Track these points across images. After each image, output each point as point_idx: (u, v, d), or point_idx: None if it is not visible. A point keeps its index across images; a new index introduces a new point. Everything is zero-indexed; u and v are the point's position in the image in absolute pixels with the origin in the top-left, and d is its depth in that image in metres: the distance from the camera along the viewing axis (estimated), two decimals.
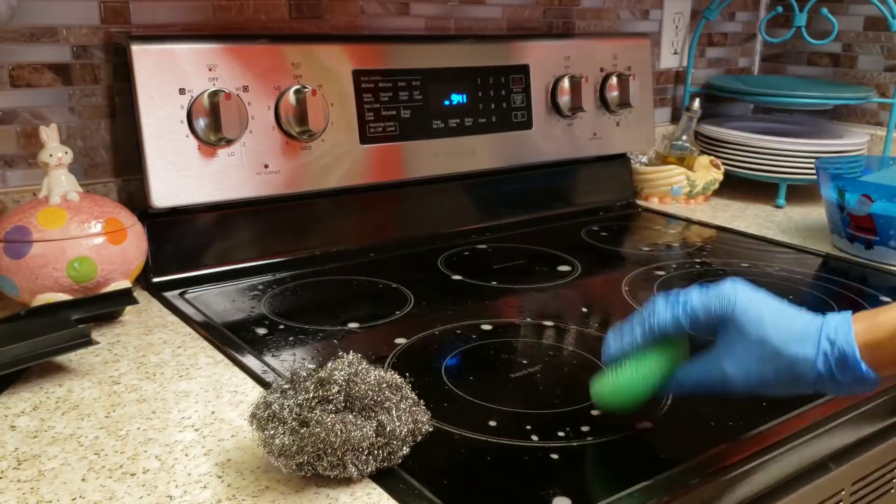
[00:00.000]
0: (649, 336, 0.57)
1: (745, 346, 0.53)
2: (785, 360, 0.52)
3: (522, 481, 0.55)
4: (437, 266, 1.01)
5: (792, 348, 0.52)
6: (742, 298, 0.54)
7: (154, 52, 0.87)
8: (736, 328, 0.54)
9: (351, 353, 0.58)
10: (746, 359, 0.53)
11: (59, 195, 0.80)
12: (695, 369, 0.57)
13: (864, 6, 1.49)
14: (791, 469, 0.62)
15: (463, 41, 1.13)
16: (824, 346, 0.52)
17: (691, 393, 0.58)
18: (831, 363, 0.52)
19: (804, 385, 0.53)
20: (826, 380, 0.52)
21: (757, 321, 0.53)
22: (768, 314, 0.54)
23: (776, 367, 0.53)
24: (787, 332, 0.53)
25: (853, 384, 0.52)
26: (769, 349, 0.53)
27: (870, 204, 1.04)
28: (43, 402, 0.65)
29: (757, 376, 0.54)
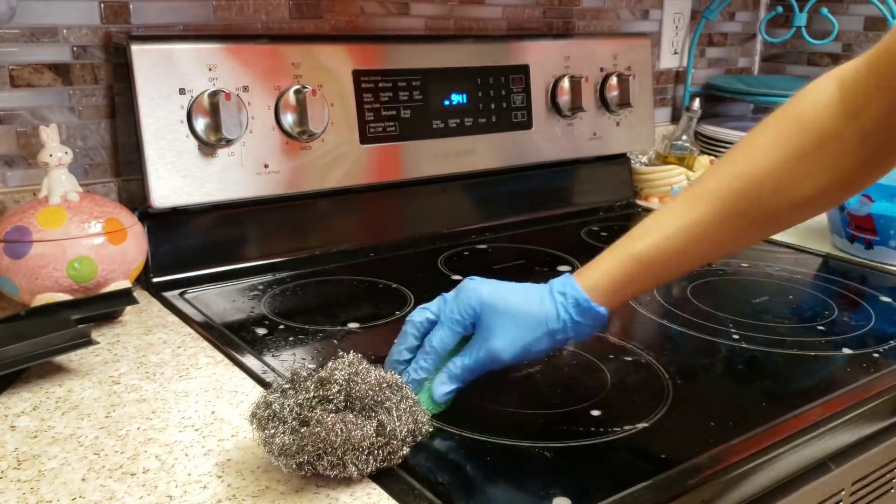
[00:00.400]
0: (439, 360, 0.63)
1: (501, 322, 0.62)
2: (534, 319, 0.62)
3: (523, 481, 0.56)
4: (437, 266, 1.01)
5: (536, 309, 0.62)
6: (484, 287, 0.64)
7: (154, 51, 0.87)
8: (489, 311, 0.62)
9: (351, 352, 0.58)
10: (506, 332, 0.62)
11: (59, 195, 0.80)
12: (464, 358, 0.62)
13: (864, 6, 1.49)
14: (791, 469, 0.62)
15: (463, 41, 1.13)
16: (559, 299, 0.63)
17: (469, 380, 0.63)
18: (569, 310, 0.62)
19: (556, 336, 0.62)
20: (569, 325, 0.62)
21: (504, 299, 0.63)
22: (509, 292, 0.64)
23: (530, 328, 0.62)
24: (528, 299, 0.63)
25: (591, 322, 0.63)
26: (521, 317, 0.62)
27: (870, 204, 1.04)
28: (43, 402, 0.65)
29: (519, 343, 0.62)
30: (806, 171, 0.58)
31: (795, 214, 0.62)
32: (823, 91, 0.59)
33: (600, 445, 0.60)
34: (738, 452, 0.59)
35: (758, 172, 0.59)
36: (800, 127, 0.59)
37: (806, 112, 0.59)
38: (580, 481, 0.56)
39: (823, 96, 0.59)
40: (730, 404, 0.68)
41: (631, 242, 0.63)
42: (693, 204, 0.61)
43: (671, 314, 0.87)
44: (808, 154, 0.58)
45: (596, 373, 0.72)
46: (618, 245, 0.64)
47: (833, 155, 0.58)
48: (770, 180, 0.59)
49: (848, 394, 0.69)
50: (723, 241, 0.63)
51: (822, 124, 0.58)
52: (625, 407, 0.67)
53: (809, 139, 0.58)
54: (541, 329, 0.62)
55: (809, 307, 0.91)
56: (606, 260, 0.64)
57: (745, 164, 0.60)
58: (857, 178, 0.60)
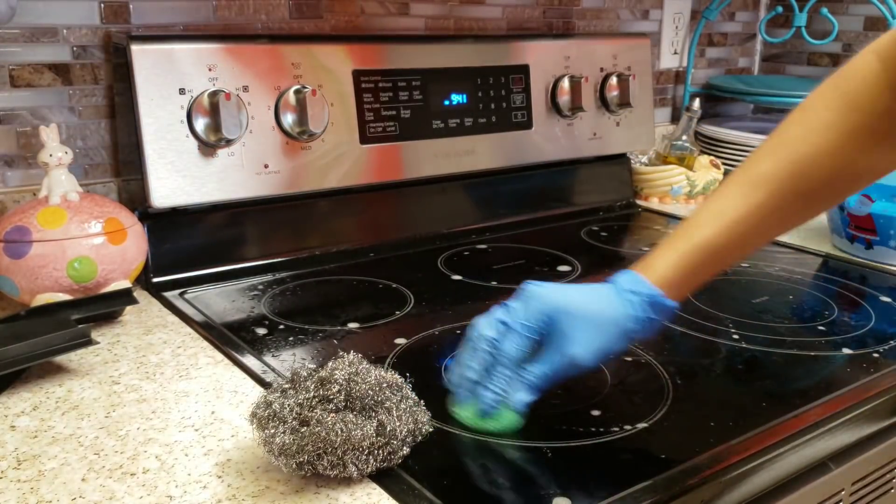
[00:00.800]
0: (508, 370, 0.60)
1: (578, 327, 0.60)
2: (611, 322, 0.61)
3: (522, 481, 0.56)
4: (437, 266, 1.01)
5: (611, 311, 0.61)
6: (552, 293, 0.62)
7: (154, 52, 0.87)
8: (564, 317, 0.60)
9: (351, 352, 0.58)
10: (584, 337, 0.60)
11: (59, 195, 0.80)
12: (543, 366, 0.60)
13: (864, 6, 1.49)
14: (791, 469, 0.62)
15: (463, 41, 1.13)
16: (632, 299, 0.61)
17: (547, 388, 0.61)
18: (645, 307, 0.61)
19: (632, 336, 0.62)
20: (646, 325, 0.62)
21: (576, 304, 0.61)
22: (579, 296, 0.62)
23: (607, 331, 0.61)
24: (599, 302, 0.62)
25: (662, 317, 0.62)
26: (598, 320, 0.61)
27: (870, 204, 1.04)
28: (43, 402, 0.65)
29: (598, 347, 0.60)
30: (862, 147, 0.60)
31: (856, 187, 0.66)
32: (866, 67, 0.61)
33: (600, 445, 0.60)
34: (738, 452, 0.59)
35: (815, 153, 0.60)
36: (851, 105, 0.60)
37: (853, 90, 0.61)
38: (580, 481, 0.56)
39: (868, 73, 0.60)
40: (730, 404, 0.68)
41: (693, 232, 0.63)
42: (751, 189, 0.61)
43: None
44: (862, 131, 0.60)
45: (596, 373, 0.72)
46: (678, 236, 0.63)
47: (890, 128, 0.60)
48: (829, 160, 0.60)
49: (848, 394, 0.69)
50: (784, 222, 0.64)
51: (871, 100, 0.60)
52: (625, 407, 0.67)
53: (861, 117, 0.60)
54: (616, 331, 0.61)
55: (809, 307, 0.91)
56: (670, 252, 0.63)
57: (802, 146, 0.61)
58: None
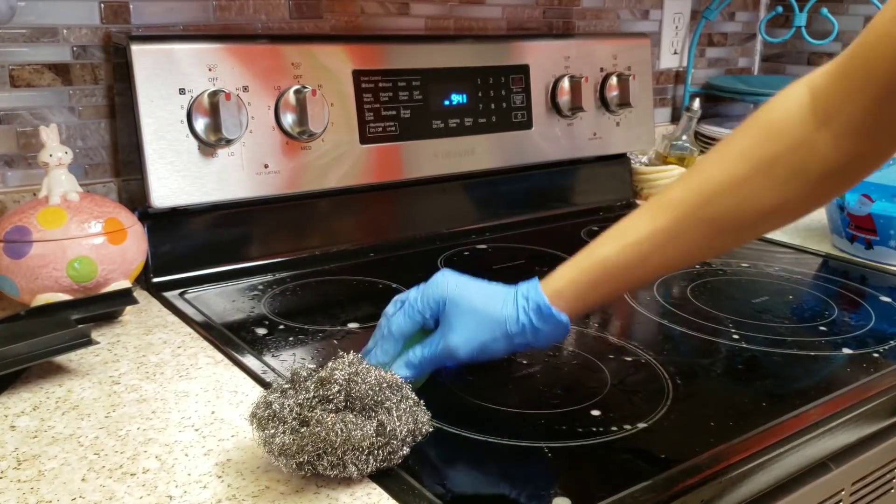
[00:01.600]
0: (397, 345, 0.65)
1: (461, 318, 0.63)
2: (494, 320, 0.63)
3: (523, 481, 0.56)
4: (438, 266, 1.01)
5: (498, 310, 0.63)
6: (451, 280, 0.65)
7: (154, 52, 0.87)
8: (452, 306, 0.64)
9: (351, 352, 0.58)
10: (464, 329, 0.63)
11: (59, 195, 0.80)
12: (423, 349, 0.64)
13: (864, 6, 1.49)
14: (791, 469, 0.62)
15: (463, 41, 1.13)
16: (521, 303, 0.63)
17: (426, 370, 0.65)
18: (529, 314, 0.63)
19: (515, 339, 0.63)
20: (528, 330, 0.63)
21: (468, 297, 0.64)
22: (475, 290, 0.65)
23: (489, 328, 0.63)
24: (490, 299, 0.64)
25: (552, 329, 0.63)
26: (481, 315, 0.63)
27: (870, 204, 1.04)
28: (43, 402, 0.65)
29: (476, 341, 0.63)
30: (775, 179, 0.57)
31: (763, 224, 0.61)
32: (794, 97, 0.58)
33: (600, 445, 0.60)
34: (738, 452, 0.59)
35: (725, 181, 0.58)
36: (770, 134, 0.58)
37: (776, 119, 0.58)
38: (580, 481, 0.56)
39: (794, 103, 0.57)
40: (730, 404, 0.68)
41: (594, 249, 0.64)
42: (658, 212, 0.61)
43: (671, 314, 0.87)
44: (778, 161, 0.57)
45: (596, 373, 0.72)
46: (582, 252, 0.64)
47: (803, 161, 0.56)
48: (736, 190, 0.58)
49: (848, 394, 0.69)
50: (689, 249, 0.62)
51: (793, 131, 0.57)
52: (625, 407, 0.67)
53: (779, 146, 0.57)
54: (499, 330, 0.63)
55: (809, 307, 0.91)
56: (570, 267, 0.64)
57: (714, 172, 0.59)
58: (827, 186, 0.58)
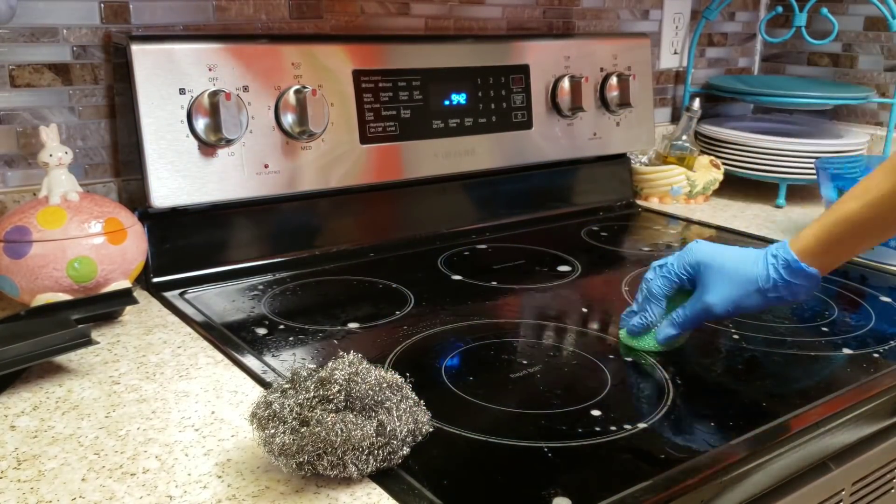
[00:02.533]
0: (660, 304, 0.75)
1: (715, 278, 0.71)
2: (746, 278, 0.70)
3: (522, 481, 0.55)
4: (437, 266, 1.01)
5: (750, 269, 0.70)
6: (705, 247, 0.73)
7: (154, 51, 0.87)
8: (707, 268, 0.72)
9: (351, 352, 0.58)
10: (719, 287, 0.71)
11: (60, 195, 0.80)
12: (684, 309, 0.73)
13: (864, 6, 1.49)
14: (791, 469, 0.62)
15: (463, 41, 1.13)
16: (770, 261, 0.70)
17: (688, 328, 0.74)
18: (780, 270, 0.69)
19: (768, 294, 0.70)
20: (780, 286, 0.69)
21: (720, 258, 0.72)
22: (726, 252, 0.72)
23: (742, 286, 0.70)
24: (742, 260, 0.71)
25: (803, 282, 0.69)
26: (734, 275, 0.70)
27: None
28: (43, 402, 0.65)
29: (730, 298, 0.71)
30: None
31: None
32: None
33: (600, 445, 0.60)
34: (738, 452, 0.59)
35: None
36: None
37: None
38: (580, 481, 0.56)
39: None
40: (730, 404, 0.68)
41: (838, 207, 0.69)
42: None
43: None
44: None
45: (596, 373, 0.72)
46: (827, 211, 0.70)
47: None
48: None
49: (848, 394, 0.69)
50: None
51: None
52: (625, 407, 0.67)
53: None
54: (751, 286, 0.70)
55: (809, 307, 0.91)
56: (816, 226, 0.70)
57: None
58: None
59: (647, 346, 0.75)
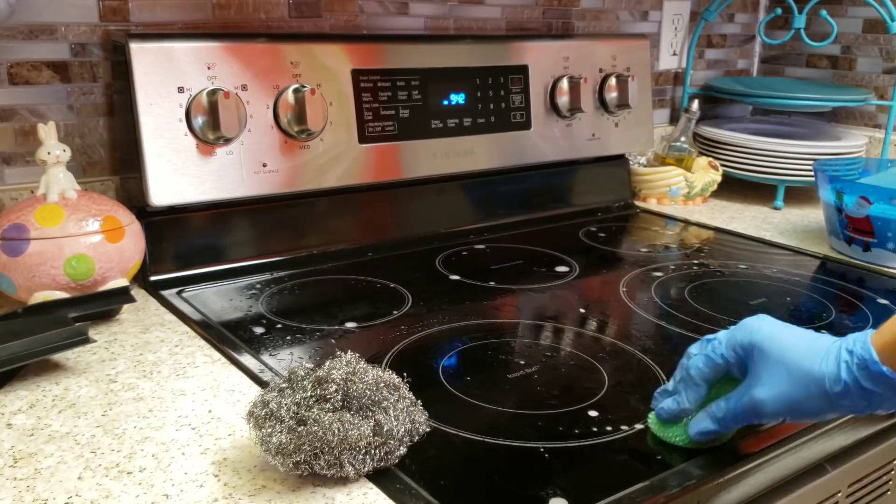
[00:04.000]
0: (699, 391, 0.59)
1: (770, 369, 0.55)
2: (810, 376, 0.53)
3: (520, 481, 0.55)
4: (436, 266, 1.01)
5: (815, 365, 0.53)
6: (764, 326, 0.57)
7: (153, 50, 0.87)
8: (761, 354, 0.56)
9: (349, 352, 0.58)
10: (773, 382, 0.55)
11: (57, 193, 0.80)
12: (728, 402, 0.58)
13: (863, 8, 1.49)
14: (788, 470, 0.63)
15: (462, 41, 1.13)
16: (844, 357, 0.53)
17: (730, 426, 0.58)
18: (854, 371, 0.52)
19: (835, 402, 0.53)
20: (854, 392, 0.52)
21: (779, 344, 0.55)
22: (790, 337, 0.56)
23: (803, 385, 0.54)
24: (808, 351, 0.54)
25: (885, 392, 0.52)
26: (794, 368, 0.54)
27: (868, 206, 1.04)
28: (39, 400, 0.65)
29: (785, 397, 0.54)
30: None
31: None
32: None
33: (598, 446, 0.60)
34: (735, 454, 0.59)
35: None
36: None
37: None
38: (577, 482, 0.56)
39: None
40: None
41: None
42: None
43: (669, 315, 0.87)
44: None
45: (593, 374, 0.72)
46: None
47: None
48: None
49: None
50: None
51: None
52: (622, 408, 0.67)
53: None
54: (816, 388, 0.53)
55: (807, 309, 0.91)
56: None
57: None
58: None
59: (675, 438, 0.60)
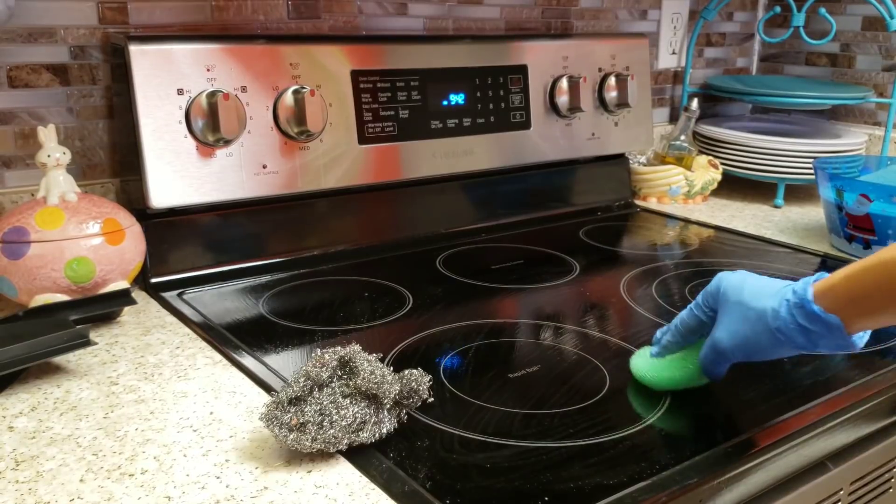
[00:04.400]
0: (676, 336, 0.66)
1: (729, 311, 0.60)
2: (757, 313, 0.57)
3: (520, 481, 0.55)
4: (436, 266, 1.01)
5: (762, 302, 0.57)
6: (733, 276, 0.61)
7: (152, 52, 0.87)
8: (724, 299, 0.60)
9: (354, 343, 0.58)
10: (730, 322, 0.59)
11: (58, 196, 0.80)
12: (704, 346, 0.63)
13: (862, 6, 1.49)
14: (790, 469, 0.63)
15: (461, 41, 1.13)
16: (787, 295, 0.56)
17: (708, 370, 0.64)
18: (792, 309, 0.55)
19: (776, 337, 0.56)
20: (792, 327, 0.55)
21: (738, 288, 0.60)
22: (749, 282, 0.60)
23: (751, 322, 0.57)
24: (760, 291, 0.58)
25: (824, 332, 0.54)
26: (745, 307, 0.58)
27: (868, 204, 1.04)
28: (41, 403, 0.65)
29: (739, 336, 0.58)
30: None
31: None
32: None
33: (598, 445, 0.60)
34: (738, 452, 0.59)
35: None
36: None
37: None
38: (578, 481, 0.56)
39: None
40: (728, 404, 0.68)
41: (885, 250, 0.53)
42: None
43: (670, 314, 0.87)
44: None
45: (594, 373, 0.72)
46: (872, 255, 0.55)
47: None
48: None
49: (847, 393, 0.69)
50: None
51: None
52: (623, 407, 0.67)
53: None
54: (761, 324, 0.56)
55: None
56: (852, 265, 0.55)
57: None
58: None
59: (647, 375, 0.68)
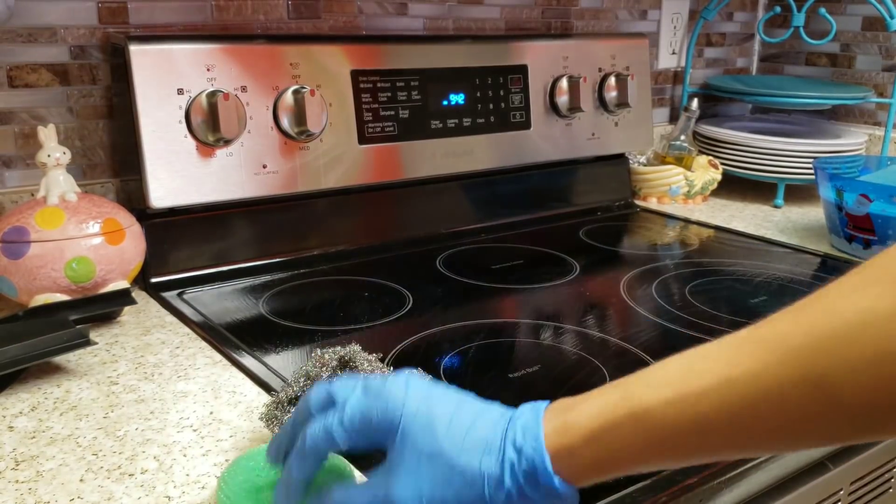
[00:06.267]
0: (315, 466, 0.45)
1: (415, 460, 0.41)
2: (464, 477, 0.41)
3: None
4: (436, 266, 1.01)
5: (472, 461, 0.41)
6: (410, 402, 0.43)
7: (152, 52, 0.87)
8: (404, 438, 0.42)
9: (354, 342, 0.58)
10: (418, 478, 0.41)
11: (58, 195, 0.80)
12: (357, 493, 0.43)
13: (862, 6, 1.49)
14: (789, 469, 0.62)
15: (461, 41, 1.13)
16: (510, 456, 0.41)
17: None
18: (519, 478, 0.40)
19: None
20: (516, 499, 0.41)
21: (428, 429, 0.42)
22: (442, 418, 0.42)
23: (455, 487, 0.41)
24: (464, 439, 0.41)
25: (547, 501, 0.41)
26: (444, 464, 0.41)
27: (868, 204, 1.04)
28: (41, 403, 0.65)
29: (431, 498, 0.41)
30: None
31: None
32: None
33: None
34: None
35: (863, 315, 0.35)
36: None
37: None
38: None
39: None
40: None
41: (634, 388, 0.41)
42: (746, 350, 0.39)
43: (670, 314, 0.87)
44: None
45: (595, 373, 0.72)
46: (617, 385, 0.42)
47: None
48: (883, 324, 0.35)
49: None
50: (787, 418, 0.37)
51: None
52: None
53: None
54: (472, 492, 0.41)
55: None
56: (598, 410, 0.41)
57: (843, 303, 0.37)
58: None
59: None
